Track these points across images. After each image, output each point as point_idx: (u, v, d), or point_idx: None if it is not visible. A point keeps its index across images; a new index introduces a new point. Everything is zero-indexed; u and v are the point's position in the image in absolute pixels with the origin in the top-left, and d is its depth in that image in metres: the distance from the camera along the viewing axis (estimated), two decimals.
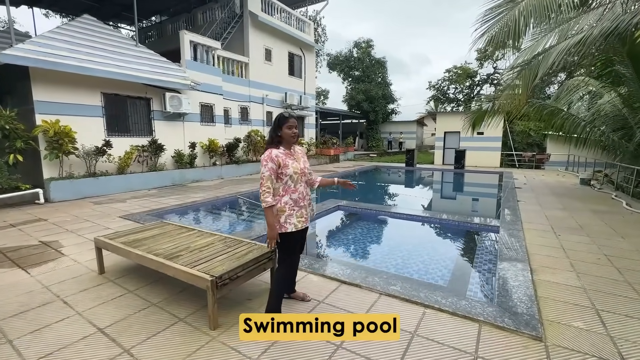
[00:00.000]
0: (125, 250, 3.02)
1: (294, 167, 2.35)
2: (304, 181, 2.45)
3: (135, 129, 9.11)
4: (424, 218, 6.02)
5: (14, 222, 5.50)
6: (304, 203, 2.41)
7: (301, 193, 2.40)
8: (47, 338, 2.31)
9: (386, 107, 27.31)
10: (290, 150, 2.43)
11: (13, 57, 6.49)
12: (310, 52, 17.52)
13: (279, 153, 2.34)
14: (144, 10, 16.74)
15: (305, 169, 2.45)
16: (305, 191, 2.46)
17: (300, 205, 2.38)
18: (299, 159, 2.45)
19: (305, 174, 2.44)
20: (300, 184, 2.40)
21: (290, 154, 2.41)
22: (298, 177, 2.37)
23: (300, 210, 2.38)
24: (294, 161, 2.39)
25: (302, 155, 2.54)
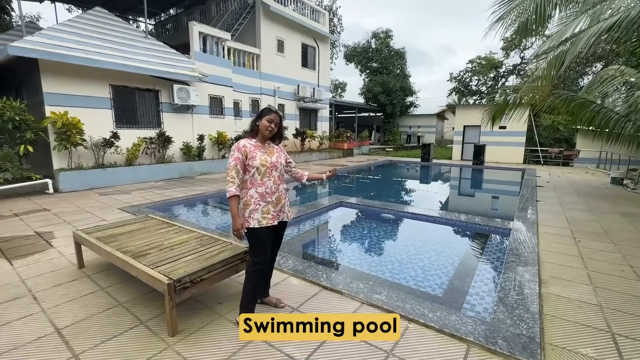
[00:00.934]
0: (97, 246, 2.91)
1: (262, 160, 2.25)
2: (276, 176, 2.32)
3: (144, 120, 9.17)
4: (428, 217, 5.63)
5: (18, 211, 5.62)
6: (271, 199, 2.29)
7: (269, 188, 2.28)
8: (2, 337, 2.22)
9: (404, 100, 26.43)
10: (264, 144, 2.35)
11: (21, 49, 6.61)
12: (325, 43, 17.10)
13: (248, 143, 2.28)
14: (159, 2, 16.93)
15: (278, 163, 2.33)
16: (276, 187, 2.32)
17: (267, 201, 2.28)
18: (272, 153, 2.35)
19: (276, 168, 2.31)
20: (269, 178, 2.29)
21: (261, 147, 2.32)
22: (266, 170, 2.27)
23: (266, 205, 2.27)
24: (264, 154, 2.29)
25: (279, 150, 2.43)
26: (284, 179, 2.44)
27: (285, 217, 2.44)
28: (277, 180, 2.34)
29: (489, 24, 5.65)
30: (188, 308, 2.59)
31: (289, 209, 2.50)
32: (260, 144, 2.32)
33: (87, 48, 7.75)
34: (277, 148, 2.44)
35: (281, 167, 2.38)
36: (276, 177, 2.33)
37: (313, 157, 15.39)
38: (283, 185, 2.41)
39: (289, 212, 2.48)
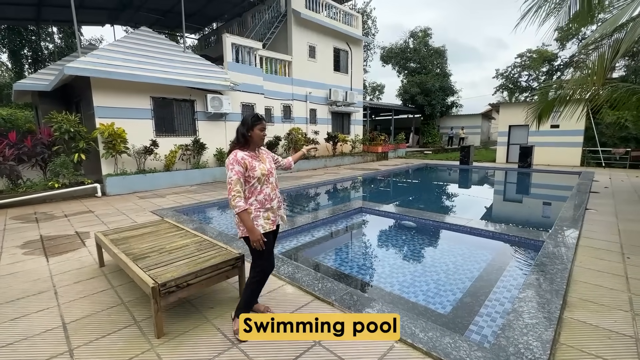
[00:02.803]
0: (108, 247, 3.15)
1: (261, 169, 2.28)
2: (273, 182, 2.37)
3: (180, 129, 9.82)
4: (448, 225, 5.24)
5: (68, 212, 6.32)
6: (270, 205, 2.33)
7: (267, 195, 2.31)
8: (19, 327, 2.48)
9: (444, 100, 25.15)
10: (256, 151, 2.37)
11: (75, 69, 7.47)
12: (358, 46, 16.95)
13: (245, 155, 2.25)
14: (203, 18, 18.10)
15: (273, 169, 2.40)
16: (274, 193, 2.37)
17: (266, 207, 2.32)
18: (265, 160, 2.38)
19: (272, 174, 2.37)
20: (267, 185, 2.32)
21: (255, 156, 2.33)
22: (265, 179, 2.30)
23: (266, 212, 2.32)
24: (260, 162, 2.32)
25: (267, 154, 2.47)
26: (278, 184, 2.46)
27: (280, 220, 2.48)
28: (274, 185, 2.39)
29: (520, 14, 5.11)
30: (181, 311, 2.68)
31: (284, 214, 2.54)
32: (253, 153, 2.33)
33: (131, 64, 8.53)
34: (264, 152, 2.47)
35: (275, 173, 2.43)
36: (273, 182, 2.37)
37: (345, 161, 15.28)
38: (278, 190, 2.45)
39: (284, 216, 2.54)
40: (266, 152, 2.49)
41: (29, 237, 4.76)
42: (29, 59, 20.12)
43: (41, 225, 5.45)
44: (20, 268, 3.64)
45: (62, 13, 14.41)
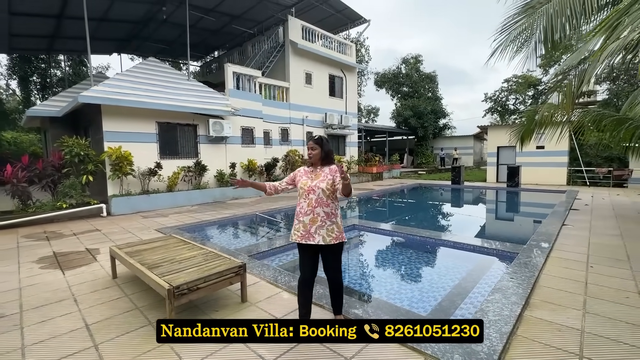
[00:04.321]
0: (123, 259, 3.52)
1: (301, 183, 2.58)
2: (313, 199, 2.48)
3: (183, 151, 10.34)
4: (437, 240, 5.63)
5: (77, 231, 6.67)
6: (303, 218, 2.51)
7: (302, 207, 2.52)
8: (47, 328, 2.82)
9: (437, 123, 26.13)
10: (316, 169, 2.63)
11: (88, 97, 8.06)
12: (352, 72, 17.92)
13: (302, 169, 2.71)
14: (205, 47, 19.17)
15: (316, 188, 2.49)
16: (310, 209, 2.48)
17: (299, 219, 2.54)
18: (316, 178, 2.56)
19: (313, 191, 2.49)
20: (304, 199, 2.52)
21: (309, 172, 2.64)
22: (303, 192, 2.54)
23: (298, 224, 2.53)
24: (308, 179, 2.58)
25: (327, 174, 2.55)
26: (327, 203, 2.49)
27: (322, 240, 2.46)
28: (314, 203, 2.47)
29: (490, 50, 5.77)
30: (190, 312, 3.03)
31: (333, 233, 2.49)
32: (311, 170, 2.64)
33: (139, 92, 9.15)
34: (326, 172, 2.56)
35: (320, 191, 2.48)
36: (313, 199, 2.48)
37: None
38: (323, 208, 2.48)
39: (328, 236, 2.47)
40: (329, 171, 2.57)
41: (43, 254, 5.10)
42: (37, 85, 20.96)
43: (52, 242, 5.79)
44: (39, 280, 3.97)
45: (73, 44, 15.32)
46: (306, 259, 2.59)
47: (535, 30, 5.58)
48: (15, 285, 3.84)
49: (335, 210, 2.56)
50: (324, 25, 16.54)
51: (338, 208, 2.62)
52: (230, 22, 15.26)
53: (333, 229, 2.51)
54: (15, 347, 2.54)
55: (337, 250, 2.59)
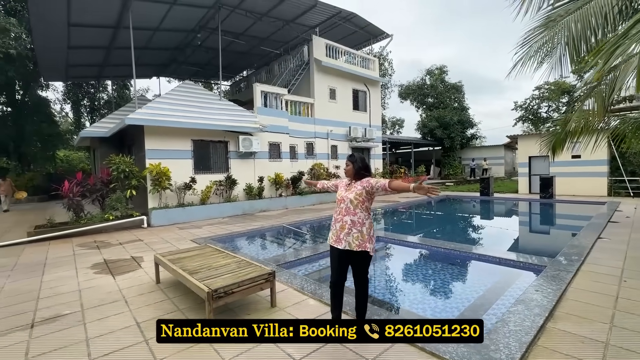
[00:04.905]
0: (166, 265, 3.93)
1: (337, 194, 2.93)
2: (343, 208, 2.78)
3: (215, 167, 11.00)
4: (461, 252, 5.63)
5: (122, 241, 7.32)
6: (335, 225, 2.82)
7: (338, 215, 2.82)
8: (105, 324, 3.24)
9: (464, 133, 25.62)
10: (351, 181, 2.90)
11: (134, 119, 8.92)
12: (375, 86, 18.21)
13: (344, 180, 3.05)
14: (235, 68, 20.36)
15: (345, 198, 2.78)
16: (340, 217, 2.77)
17: (334, 226, 2.83)
18: (349, 190, 2.83)
19: (343, 201, 2.79)
20: (337, 207, 2.85)
21: (346, 184, 2.94)
22: (337, 202, 2.88)
23: (332, 229, 2.85)
24: (343, 190, 2.89)
25: (358, 186, 2.78)
26: (354, 212, 2.72)
27: (348, 245, 2.70)
28: (343, 211, 2.76)
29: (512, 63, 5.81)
30: (226, 315, 3.33)
31: (357, 240, 2.69)
32: (348, 182, 2.94)
33: (176, 113, 9.97)
34: (357, 184, 2.81)
35: (348, 201, 2.75)
36: (343, 208, 2.77)
37: None
38: (350, 217, 2.72)
39: (353, 242, 2.69)
40: (360, 184, 2.79)
41: (95, 261, 5.69)
42: (87, 108, 23.15)
43: (102, 251, 6.43)
44: (95, 284, 4.48)
45: (119, 70, 16.93)
46: (335, 262, 2.83)
47: (558, 42, 5.58)
48: (75, 287, 4.36)
49: (363, 220, 2.72)
50: (347, 42, 17.09)
51: (368, 219, 2.76)
52: (258, 44, 16.22)
53: (358, 237, 2.70)
54: (81, 339, 2.96)
55: (362, 258, 2.77)
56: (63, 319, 3.39)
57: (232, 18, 12.90)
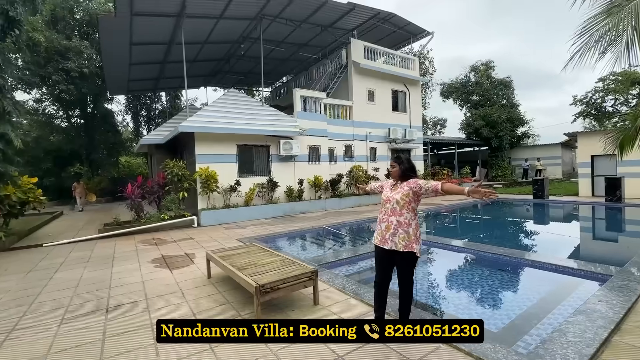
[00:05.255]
0: (216, 261, 4.23)
1: (382, 194, 2.99)
2: (389, 208, 2.81)
3: (258, 170, 11.50)
4: (512, 258, 5.29)
5: (176, 239, 7.96)
6: (380, 225, 2.87)
7: (383, 215, 2.86)
8: (165, 313, 3.58)
9: (513, 131, 23.90)
10: (397, 183, 2.93)
11: (186, 127, 9.69)
12: (415, 86, 17.75)
13: (389, 182, 3.09)
14: (275, 75, 21.10)
15: (391, 199, 2.81)
16: (386, 217, 2.82)
17: (379, 226, 2.88)
18: (394, 190, 2.87)
19: (389, 201, 2.83)
20: (383, 207, 2.89)
21: (392, 185, 2.98)
22: (382, 202, 2.93)
23: (378, 229, 2.90)
24: (388, 190, 2.93)
25: (404, 186, 2.80)
26: (400, 213, 2.73)
27: (394, 246, 2.72)
28: (389, 212, 2.79)
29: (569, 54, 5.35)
30: (271, 310, 3.51)
31: (403, 241, 2.70)
32: (394, 183, 2.97)
33: (223, 120, 10.62)
34: (404, 185, 2.82)
35: (394, 202, 2.77)
36: (389, 209, 2.80)
37: None
38: (397, 217, 2.74)
39: (399, 243, 2.70)
40: (406, 184, 2.81)
41: (155, 256, 6.27)
42: (144, 118, 25.47)
43: (160, 247, 7.05)
44: (156, 276, 4.96)
45: (171, 82, 18.42)
46: (380, 262, 2.87)
47: (624, 29, 5.06)
48: (139, 279, 4.86)
49: (409, 221, 2.73)
50: (386, 42, 16.91)
51: (414, 220, 2.76)
52: (297, 50, 16.68)
53: (404, 237, 2.70)
54: (146, 325, 3.31)
55: (407, 259, 2.75)
56: (131, 306, 3.81)
57: (272, 27, 13.44)
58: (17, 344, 3.03)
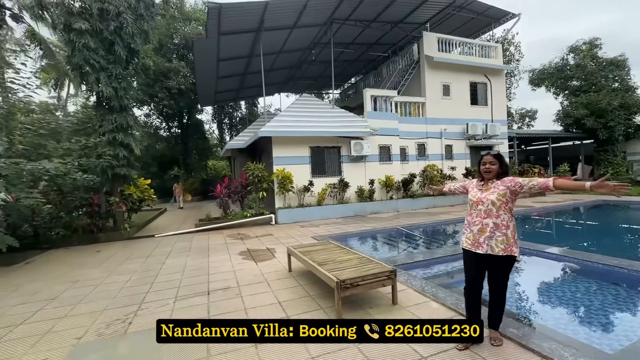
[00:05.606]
0: (298, 256, 4.53)
1: (471, 195, 2.75)
2: (482, 210, 2.61)
3: (329, 170, 11.83)
4: (629, 271, 4.43)
5: (258, 234, 8.71)
6: (471, 228, 2.68)
7: (472, 218, 2.70)
8: (255, 299, 4.00)
9: (629, 120, 19.75)
10: (488, 183, 2.71)
11: (264, 131, 10.53)
12: (498, 75, 16.07)
13: (473, 181, 2.89)
14: (344, 75, 21.41)
15: (485, 199, 2.61)
16: (479, 220, 2.62)
17: (469, 229, 2.71)
18: (486, 190, 2.65)
19: (482, 203, 2.62)
20: (474, 210, 2.68)
21: (480, 185, 2.76)
22: (472, 204, 2.71)
23: (469, 233, 2.71)
24: (479, 191, 2.71)
25: (499, 185, 2.62)
26: (497, 214, 2.56)
27: (490, 250, 2.56)
28: (483, 214, 2.61)
29: None
30: (350, 306, 3.63)
31: (502, 244, 2.54)
32: (481, 183, 2.76)
33: (297, 123, 11.23)
34: (497, 184, 2.63)
35: (489, 203, 2.58)
36: (482, 211, 2.61)
37: None
38: (493, 219, 2.56)
39: (497, 246, 2.54)
40: (501, 183, 2.62)
41: (241, 249, 6.98)
42: (227, 125, 28.39)
43: (244, 242, 7.81)
44: (244, 267, 5.54)
45: (250, 92, 20.15)
46: (471, 266, 2.71)
47: None
48: (231, 268, 5.49)
49: (507, 222, 2.55)
50: (463, 31, 15.76)
51: (512, 221, 2.58)
52: (366, 50, 16.65)
53: (503, 240, 2.53)
54: (240, 309, 3.75)
55: (505, 263, 2.57)
56: (227, 291, 4.35)
57: (342, 30, 13.68)
58: (146, 314, 3.74)
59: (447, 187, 3.40)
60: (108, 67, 8.53)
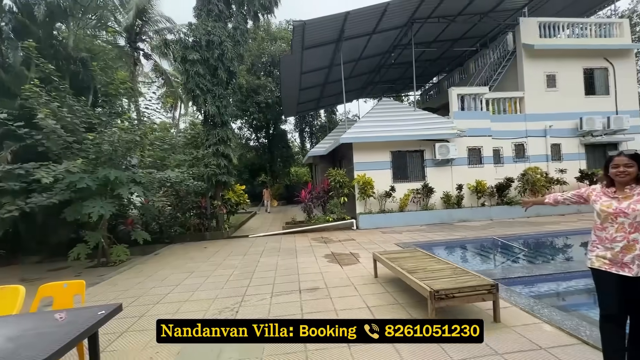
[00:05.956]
0: (385, 262, 4.49)
1: (602, 205, 2.28)
2: (626, 224, 2.16)
3: (412, 175, 11.39)
4: None
5: (340, 239, 8.91)
6: (610, 245, 2.22)
7: (609, 233, 2.23)
8: (344, 302, 4.12)
9: None
10: (622, 188, 2.24)
11: (346, 138, 10.78)
12: (624, 57, 13.17)
13: (597, 188, 2.43)
14: (425, 76, 20.47)
15: (629, 210, 2.16)
16: (622, 236, 2.17)
17: (605, 246, 2.25)
18: (626, 198, 2.21)
19: (625, 214, 2.17)
20: (611, 224, 2.22)
21: (611, 192, 2.30)
22: (607, 216, 2.24)
23: (603, 250, 2.25)
24: (614, 200, 2.25)
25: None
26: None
27: (637, 272, 2.12)
28: (626, 227, 2.16)
29: None
30: (442, 316, 3.44)
31: None
32: (613, 189, 2.30)
33: (377, 129, 11.17)
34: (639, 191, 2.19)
35: (637, 214, 2.13)
36: (625, 224, 2.16)
37: None
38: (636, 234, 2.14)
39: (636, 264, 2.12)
40: None
41: (326, 252, 7.25)
42: (307, 134, 29.92)
43: (328, 245, 8.08)
44: (330, 269, 5.74)
45: (329, 100, 20.84)
46: (611, 290, 2.21)
47: None
48: (318, 270, 5.75)
49: None
50: (572, 10, 13.55)
51: None
52: (450, 46, 15.59)
53: None
54: (330, 309, 3.91)
55: None
56: (316, 291, 4.58)
57: (423, 29, 13.12)
58: (248, 306, 4.21)
59: (552, 198, 2.75)
60: (212, 89, 9.95)
